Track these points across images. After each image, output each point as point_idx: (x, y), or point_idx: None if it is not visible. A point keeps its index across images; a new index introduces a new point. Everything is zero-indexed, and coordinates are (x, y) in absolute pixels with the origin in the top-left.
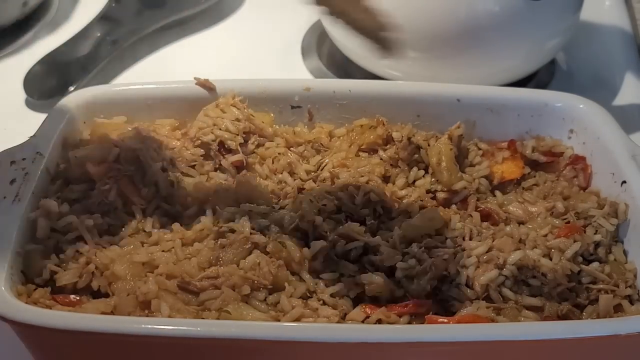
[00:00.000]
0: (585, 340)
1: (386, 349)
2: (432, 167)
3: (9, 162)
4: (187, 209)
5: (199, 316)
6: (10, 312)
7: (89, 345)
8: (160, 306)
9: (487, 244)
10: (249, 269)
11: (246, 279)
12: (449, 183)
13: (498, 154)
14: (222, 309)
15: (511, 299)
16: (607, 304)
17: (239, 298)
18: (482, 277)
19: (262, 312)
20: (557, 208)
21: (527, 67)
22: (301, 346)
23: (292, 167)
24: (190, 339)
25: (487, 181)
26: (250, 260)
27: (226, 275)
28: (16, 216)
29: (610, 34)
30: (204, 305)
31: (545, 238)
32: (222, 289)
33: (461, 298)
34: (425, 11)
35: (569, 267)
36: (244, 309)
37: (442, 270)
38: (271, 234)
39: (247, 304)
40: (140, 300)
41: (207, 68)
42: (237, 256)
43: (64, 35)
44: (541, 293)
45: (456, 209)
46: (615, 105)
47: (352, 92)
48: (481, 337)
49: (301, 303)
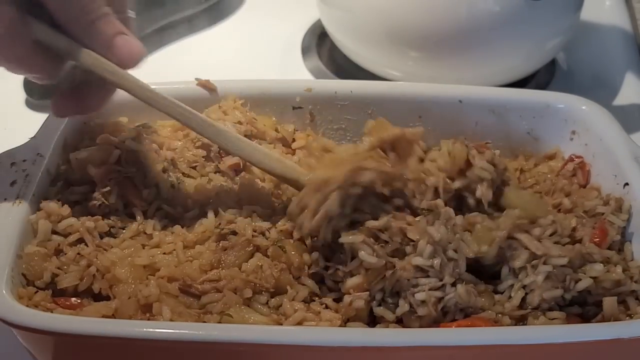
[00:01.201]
0: (589, 344)
1: (388, 352)
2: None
3: (9, 163)
4: (188, 211)
5: (201, 319)
6: (11, 315)
7: (91, 348)
8: (162, 309)
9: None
10: (251, 272)
11: (248, 282)
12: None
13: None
14: (224, 312)
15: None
16: (611, 306)
17: (240, 301)
18: (547, 293)
19: (264, 316)
20: (564, 205)
21: (527, 67)
22: (302, 350)
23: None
24: (191, 343)
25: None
26: (253, 263)
27: (228, 278)
28: (17, 218)
29: (610, 34)
30: (206, 309)
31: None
32: (223, 292)
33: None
34: (426, 11)
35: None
36: (245, 312)
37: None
38: (272, 237)
39: (249, 307)
40: (141, 304)
41: (207, 68)
42: (239, 259)
43: None
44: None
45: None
46: (616, 105)
47: (354, 93)
48: (483, 341)
49: (303, 306)
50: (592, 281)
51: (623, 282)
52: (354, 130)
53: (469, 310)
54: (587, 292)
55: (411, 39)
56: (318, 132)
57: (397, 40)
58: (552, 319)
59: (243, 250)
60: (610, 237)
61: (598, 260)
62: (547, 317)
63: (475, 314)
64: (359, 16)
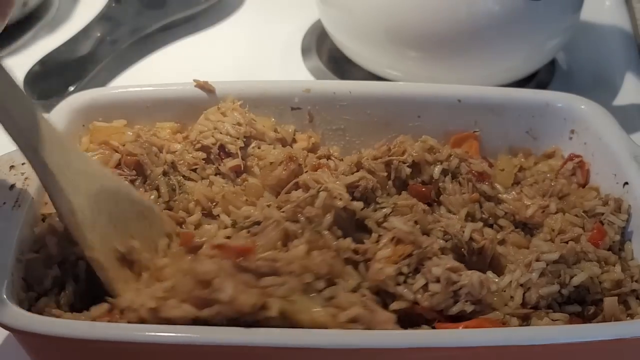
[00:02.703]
0: (590, 344)
1: (398, 354)
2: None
3: (8, 166)
4: (191, 214)
5: (263, 299)
6: (11, 320)
7: (97, 353)
8: (224, 284)
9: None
10: (302, 258)
11: (306, 267)
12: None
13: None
14: (287, 297)
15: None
16: (611, 306)
17: (300, 287)
18: (543, 289)
19: (321, 307)
20: (568, 202)
21: (527, 67)
22: (312, 353)
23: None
24: (198, 347)
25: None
26: (301, 249)
27: (285, 261)
28: (17, 222)
29: (610, 34)
30: (266, 291)
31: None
32: (284, 276)
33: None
34: (425, 11)
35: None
36: (306, 301)
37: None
38: (302, 222)
39: (306, 295)
40: (198, 280)
41: (207, 68)
42: (273, 242)
43: (63, 35)
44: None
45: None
46: (615, 105)
47: (353, 94)
48: (483, 343)
49: (359, 301)
50: (588, 275)
51: (624, 283)
52: (353, 131)
53: (477, 308)
54: (586, 291)
55: (411, 39)
56: (317, 132)
57: (396, 40)
58: (555, 320)
59: (274, 232)
60: (610, 237)
61: (593, 260)
62: (550, 318)
63: (484, 313)
64: (358, 16)
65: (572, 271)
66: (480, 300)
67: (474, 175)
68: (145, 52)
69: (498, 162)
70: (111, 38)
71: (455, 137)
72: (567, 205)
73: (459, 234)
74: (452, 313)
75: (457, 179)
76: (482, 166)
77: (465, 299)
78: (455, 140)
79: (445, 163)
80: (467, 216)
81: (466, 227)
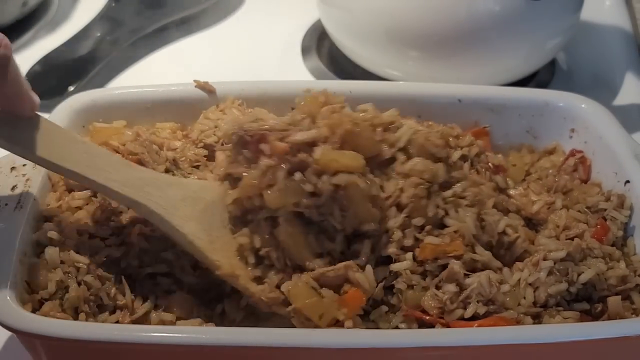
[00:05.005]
0: (595, 342)
1: (406, 354)
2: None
3: (9, 167)
4: None
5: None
6: (16, 322)
7: (100, 354)
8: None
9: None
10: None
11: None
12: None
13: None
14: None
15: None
16: (616, 305)
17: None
18: (551, 288)
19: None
20: (571, 198)
21: (527, 67)
22: (312, 353)
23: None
24: (199, 347)
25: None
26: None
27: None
28: (19, 223)
29: (610, 34)
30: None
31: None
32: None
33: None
34: (426, 11)
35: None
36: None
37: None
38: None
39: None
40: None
41: (207, 68)
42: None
43: (63, 35)
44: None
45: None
46: (616, 105)
47: (353, 93)
48: (490, 341)
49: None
50: (595, 272)
51: (628, 278)
52: None
53: (491, 308)
54: (593, 288)
55: (411, 39)
56: None
57: (397, 40)
58: (567, 318)
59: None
60: (613, 232)
61: (599, 256)
62: (562, 316)
63: (498, 312)
64: (358, 16)
65: (579, 268)
66: (491, 300)
67: (489, 168)
68: (145, 52)
69: (510, 158)
70: (111, 38)
71: (466, 132)
72: (570, 201)
73: (494, 223)
74: (467, 316)
75: (475, 168)
76: (499, 158)
77: (477, 299)
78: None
79: (465, 149)
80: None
81: (501, 220)
